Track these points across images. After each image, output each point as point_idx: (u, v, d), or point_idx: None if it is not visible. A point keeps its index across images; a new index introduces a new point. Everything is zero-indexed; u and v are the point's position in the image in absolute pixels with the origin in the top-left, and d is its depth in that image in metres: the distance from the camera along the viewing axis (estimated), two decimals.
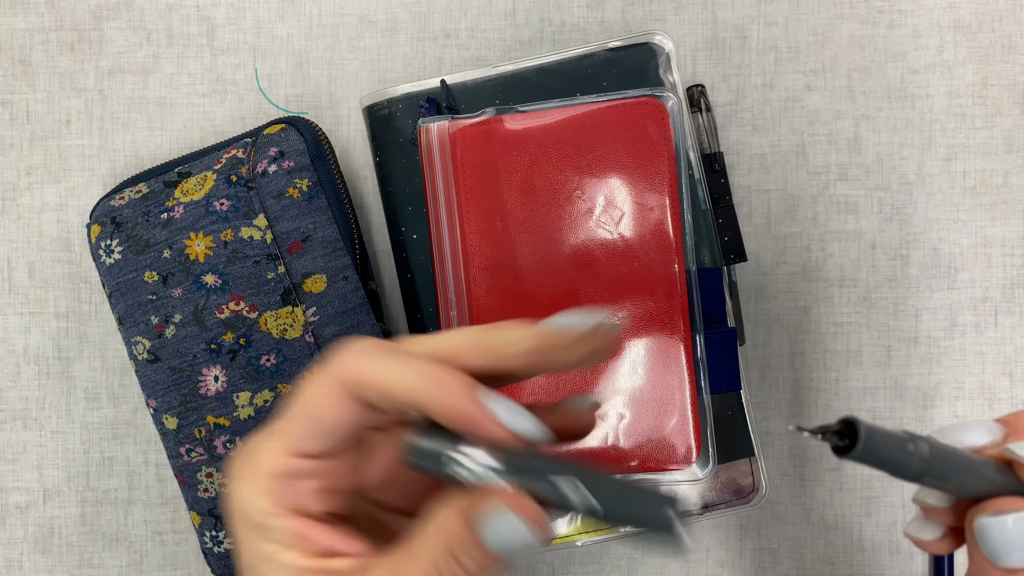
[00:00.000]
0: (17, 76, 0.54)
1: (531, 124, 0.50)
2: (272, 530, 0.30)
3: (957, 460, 0.32)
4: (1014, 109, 0.53)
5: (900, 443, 0.30)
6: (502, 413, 0.29)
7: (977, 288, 0.53)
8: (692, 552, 0.29)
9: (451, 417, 0.29)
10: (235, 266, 0.48)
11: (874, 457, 0.30)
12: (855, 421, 0.29)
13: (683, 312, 0.49)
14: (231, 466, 0.31)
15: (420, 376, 0.28)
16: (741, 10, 0.53)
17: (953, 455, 0.32)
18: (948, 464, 0.31)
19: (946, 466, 0.31)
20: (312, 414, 0.29)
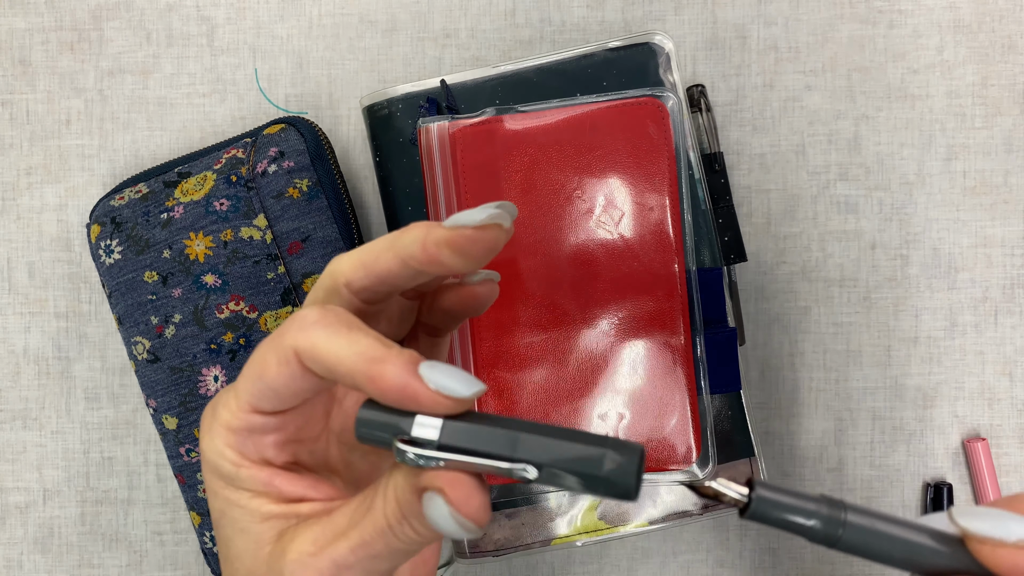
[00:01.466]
0: (17, 76, 0.54)
1: (531, 124, 0.50)
2: (240, 479, 0.31)
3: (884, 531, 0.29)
4: (1014, 109, 0.53)
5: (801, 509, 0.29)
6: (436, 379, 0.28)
7: (977, 288, 0.53)
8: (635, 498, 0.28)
9: (384, 396, 0.29)
10: (235, 266, 0.48)
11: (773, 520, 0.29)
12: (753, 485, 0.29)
13: (683, 312, 0.49)
14: (201, 424, 0.32)
15: (356, 353, 0.29)
16: (741, 10, 0.53)
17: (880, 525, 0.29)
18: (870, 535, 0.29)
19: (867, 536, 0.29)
20: (261, 376, 0.30)
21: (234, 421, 0.31)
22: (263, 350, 0.30)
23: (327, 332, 0.29)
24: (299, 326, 0.30)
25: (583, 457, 0.28)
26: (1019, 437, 0.53)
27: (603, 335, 0.49)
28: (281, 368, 0.30)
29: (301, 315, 0.30)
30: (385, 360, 0.28)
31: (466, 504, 0.28)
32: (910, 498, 0.53)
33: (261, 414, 0.31)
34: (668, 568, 0.53)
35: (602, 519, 0.50)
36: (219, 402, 0.32)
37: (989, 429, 0.53)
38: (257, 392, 0.30)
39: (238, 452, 0.31)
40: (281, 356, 0.30)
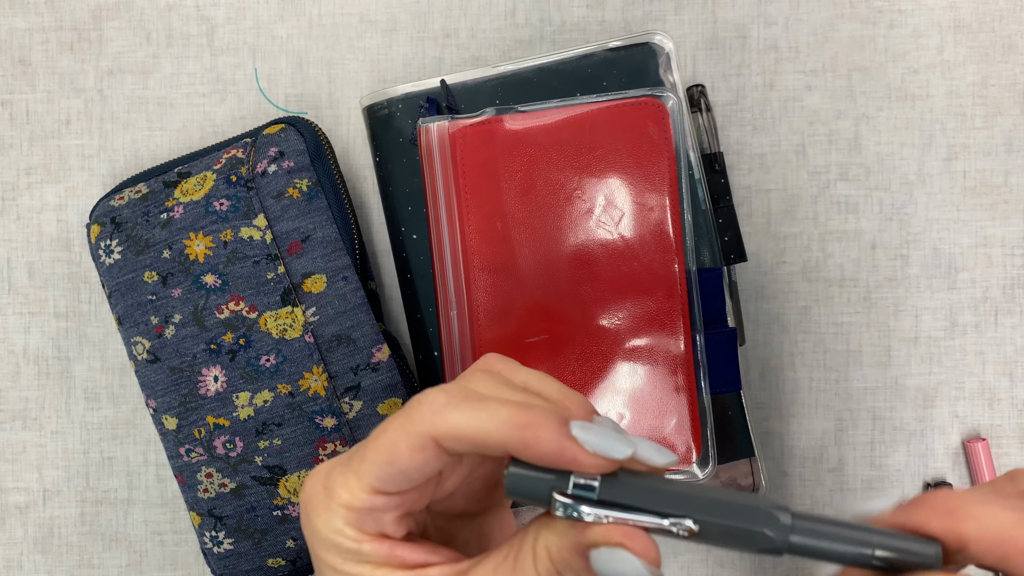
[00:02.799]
0: (17, 76, 0.54)
1: (531, 124, 0.50)
2: (362, 553, 0.32)
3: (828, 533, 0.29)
4: (1014, 109, 0.53)
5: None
6: (594, 442, 0.29)
7: (977, 288, 0.53)
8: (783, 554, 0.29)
9: (541, 460, 0.29)
10: (235, 266, 0.48)
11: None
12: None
13: (683, 312, 0.49)
14: (306, 499, 0.32)
15: (504, 423, 0.29)
16: (741, 10, 0.53)
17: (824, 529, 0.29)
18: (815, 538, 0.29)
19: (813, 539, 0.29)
20: (392, 462, 0.30)
21: (355, 502, 0.31)
22: (392, 436, 0.30)
23: (465, 412, 0.30)
24: (432, 411, 0.30)
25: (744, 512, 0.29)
26: (1019, 437, 0.53)
27: (603, 335, 0.49)
28: (414, 453, 0.30)
29: (430, 399, 0.30)
30: (536, 425, 0.29)
31: (648, 553, 0.29)
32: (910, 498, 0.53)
33: (384, 495, 0.31)
34: (668, 568, 0.53)
35: None
36: (334, 482, 0.32)
37: (989, 429, 0.53)
38: (385, 476, 0.31)
39: (358, 529, 0.31)
40: (415, 442, 0.30)
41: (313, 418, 0.48)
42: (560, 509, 0.29)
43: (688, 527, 0.29)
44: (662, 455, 0.30)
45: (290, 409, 0.48)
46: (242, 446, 0.49)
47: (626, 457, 0.29)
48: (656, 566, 0.29)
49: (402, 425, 0.30)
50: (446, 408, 0.30)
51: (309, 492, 0.32)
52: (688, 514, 0.29)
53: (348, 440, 0.49)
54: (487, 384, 0.32)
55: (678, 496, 0.29)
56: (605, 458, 0.29)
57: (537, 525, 0.31)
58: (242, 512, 0.49)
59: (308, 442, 0.48)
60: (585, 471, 0.29)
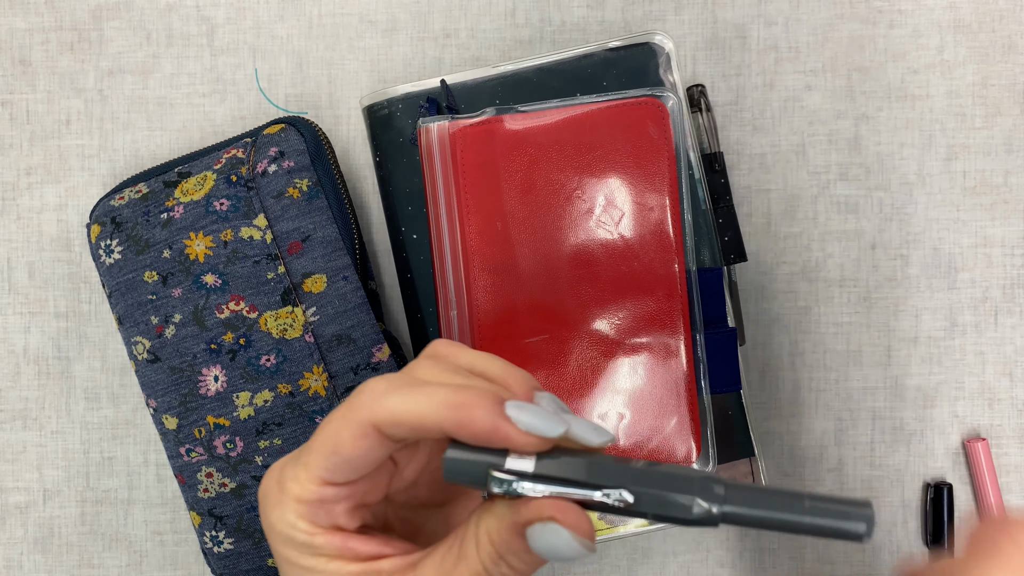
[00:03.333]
0: (17, 76, 0.54)
1: (531, 124, 0.50)
2: (315, 546, 0.32)
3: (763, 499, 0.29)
4: (1014, 109, 0.53)
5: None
6: (527, 421, 0.30)
7: (977, 288, 0.53)
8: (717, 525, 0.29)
9: (476, 439, 0.30)
10: (235, 266, 0.48)
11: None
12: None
13: (683, 312, 0.49)
14: (263, 495, 0.33)
15: (439, 405, 0.30)
16: (741, 10, 0.53)
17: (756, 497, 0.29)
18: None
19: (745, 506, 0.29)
20: (336, 451, 0.31)
21: (305, 494, 0.31)
22: (335, 426, 0.31)
23: (403, 396, 0.30)
24: (371, 398, 0.30)
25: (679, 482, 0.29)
26: (1019, 437, 0.53)
27: (603, 335, 0.49)
28: (358, 442, 0.31)
29: (369, 387, 0.31)
30: (470, 405, 0.29)
31: (580, 525, 0.29)
32: (910, 498, 0.53)
33: (333, 486, 0.32)
34: (668, 568, 0.53)
35: (602, 519, 0.50)
36: (285, 476, 0.32)
37: (989, 429, 0.53)
38: (331, 466, 0.31)
39: (310, 522, 0.32)
40: (357, 430, 0.30)
41: (313, 418, 0.48)
42: (496, 485, 0.30)
43: (623, 498, 0.29)
44: (597, 434, 0.31)
45: (290, 409, 0.48)
46: (242, 446, 0.49)
47: (559, 435, 0.30)
48: (589, 539, 0.29)
49: (343, 415, 0.31)
50: (384, 394, 0.30)
51: (264, 488, 0.33)
52: (623, 485, 0.29)
53: None
54: (430, 370, 0.32)
55: (613, 469, 0.30)
56: (538, 436, 0.29)
57: (478, 512, 0.31)
58: (242, 512, 0.49)
59: None
60: (519, 449, 0.30)
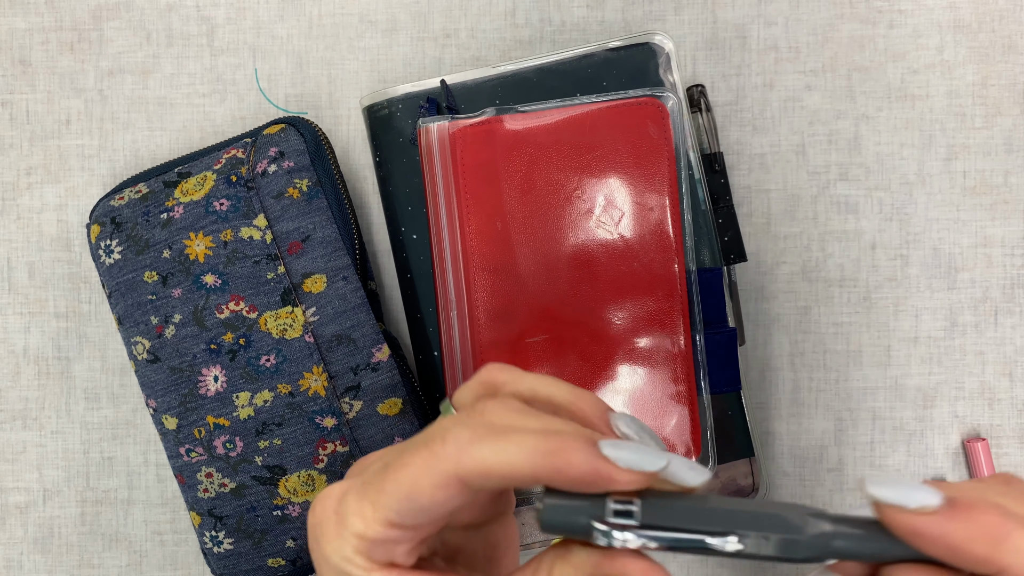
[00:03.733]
0: (17, 76, 0.54)
1: (531, 124, 0.50)
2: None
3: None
4: (1014, 109, 0.53)
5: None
6: (627, 458, 0.28)
7: (977, 288, 0.53)
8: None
9: (575, 484, 0.28)
10: (235, 266, 0.48)
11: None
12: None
13: (683, 312, 0.49)
14: (318, 523, 0.31)
15: (532, 453, 0.28)
16: (741, 10, 0.53)
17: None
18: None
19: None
20: (413, 498, 0.29)
21: (369, 532, 0.30)
22: (414, 473, 0.29)
23: (490, 446, 0.28)
24: (457, 448, 0.29)
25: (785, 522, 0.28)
26: (1019, 437, 0.53)
27: (603, 335, 0.49)
28: (437, 492, 0.29)
29: (454, 436, 0.29)
30: (565, 450, 0.28)
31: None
32: None
33: (399, 528, 0.30)
34: (668, 568, 0.53)
35: None
36: (348, 509, 0.31)
37: (989, 429, 0.53)
38: (404, 511, 0.29)
39: (367, 558, 0.31)
40: (439, 480, 0.29)
41: (313, 418, 0.48)
42: (602, 537, 0.28)
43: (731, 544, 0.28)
44: (695, 473, 0.29)
45: (290, 409, 0.48)
46: (242, 446, 0.49)
47: (661, 468, 0.28)
48: None
49: (426, 462, 0.29)
50: (471, 444, 0.28)
51: (320, 516, 0.31)
52: (731, 530, 0.28)
53: (348, 440, 0.49)
54: (503, 412, 0.30)
55: (719, 512, 0.28)
56: (640, 473, 0.28)
57: (552, 556, 0.30)
58: (242, 512, 0.49)
59: (308, 442, 0.49)
60: (622, 487, 0.28)
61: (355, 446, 0.49)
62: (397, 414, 0.49)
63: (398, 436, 0.49)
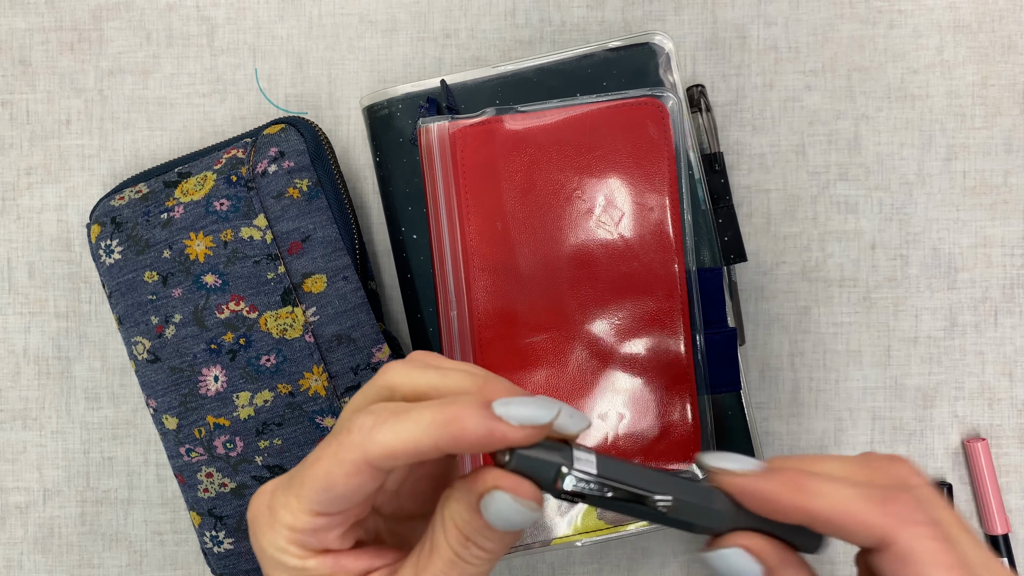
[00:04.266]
0: (17, 76, 0.54)
1: (531, 124, 0.50)
2: (307, 570, 0.32)
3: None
4: (1014, 109, 0.53)
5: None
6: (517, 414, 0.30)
7: (977, 288, 0.53)
8: None
9: (472, 447, 0.30)
10: (235, 266, 0.48)
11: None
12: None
13: (683, 312, 0.49)
14: (253, 517, 0.33)
15: (428, 426, 0.30)
16: (741, 10, 0.53)
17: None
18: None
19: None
20: (328, 488, 0.31)
21: (297, 523, 0.32)
22: (326, 465, 0.31)
23: (391, 428, 0.30)
24: (361, 436, 0.30)
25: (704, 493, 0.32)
26: (1019, 437, 0.53)
27: (603, 335, 0.49)
28: (350, 479, 0.31)
29: (358, 424, 0.31)
30: (459, 418, 0.30)
31: (520, 488, 0.30)
32: None
33: (325, 516, 0.32)
34: (668, 568, 0.53)
35: (602, 519, 0.50)
36: (276, 502, 0.32)
37: (989, 429, 0.53)
38: (324, 500, 0.31)
39: (301, 547, 0.32)
40: (349, 468, 0.30)
41: (313, 418, 0.48)
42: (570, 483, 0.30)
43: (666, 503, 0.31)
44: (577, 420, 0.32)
45: (290, 409, 0.48)
46: (242, 446, 0.49)
47: (551, 419, 0.30)
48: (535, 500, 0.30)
49: (334, 453, 0.31)
50: (373, 430, 0.30)
51: (254, 511, 0.33)
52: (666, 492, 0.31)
53: None
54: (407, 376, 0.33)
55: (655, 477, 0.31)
56: (533, 426, 0.30)
57: (442, 500, 0.32)
58: (242, 512, 0.49)
59: (308, 442, 0.49)
60: (515, 444, 0.30)
61: None
62: None
63: None
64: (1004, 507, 0.53)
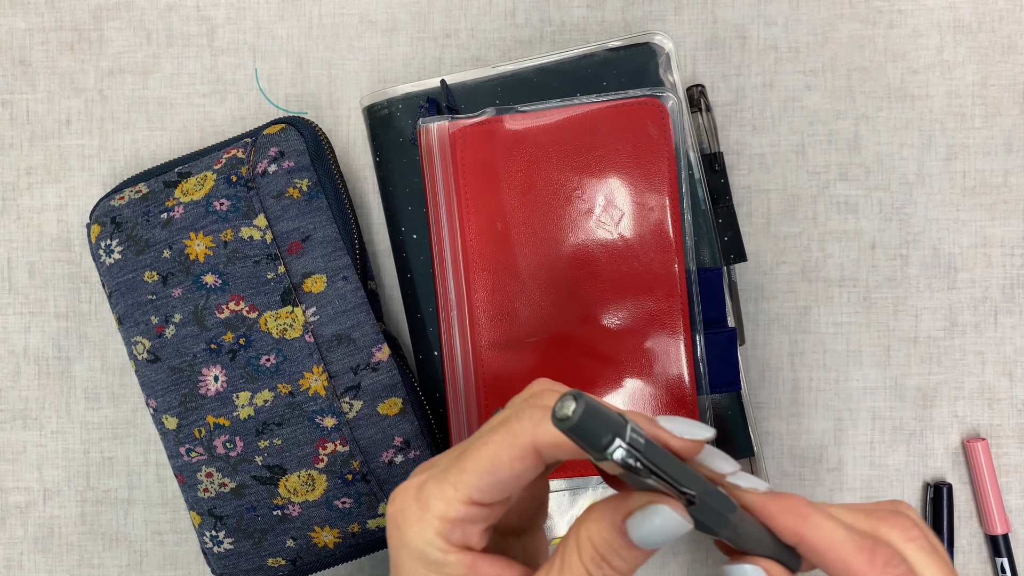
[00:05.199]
0: (17, 76, 0.54)
1: (531, 124, 0.50)
2: (447, 564, 0.33)
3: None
4: (1014, 109, 0.53)
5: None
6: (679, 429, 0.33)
7: (977, 288, 0.53)
8: None
9: None
10: (235, 266, 0.48)
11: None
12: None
13: (683, 312, 0.49)
14: (398, 511, 0.34)
15: None
16: (741, 10, 0.53)
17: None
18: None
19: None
20: (494, 471, 0.32)
21: (451, 512, 0.33)
22: (495, 447, 0.32)
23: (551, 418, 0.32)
24: (532, 423, 0.32)
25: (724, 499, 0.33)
26: (1019, 437, 0.53)
27: (603, 335, 0.49)
28: (516, 463, 0.32)
29: (528, 415, 0.32)
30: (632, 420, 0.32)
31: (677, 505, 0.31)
32: (910, 498, 0.53)
33: (480, 506, 0.33)
34: (668, 568, 0.53)
35: None
36: (429, 493, 0.33)
37: (989, 429, 0.53)
38: (485, 486, 0.32)
39: (446, 540, 0.33)
40: (517, 452, 0.32)
41: (313, 418, 0.48)
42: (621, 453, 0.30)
43: (691, 497, 0.31)
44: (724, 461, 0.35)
45: (290, 409, 0.48)
46: (242, 446, 0.49)
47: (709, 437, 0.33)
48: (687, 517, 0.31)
49: (504, 438, 0.32)
50: (543, 420, 0.32)
51: (400, 505, 0.34)
52: (696, 489, 0.31)
53: (348, 439, 0.49)
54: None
55: (691, 475, 0.32)
56: (692, 440, 0.33)
57: (577, 523, 0.33)
58: (242, 512, 0.49)
59: (308, 442, 0.49)
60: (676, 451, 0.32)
61: (355, 446, 0.49)
62: (397, 414, 0.49)
63: (398, 436, 0.49)
64: (1004, 507, 0.53)
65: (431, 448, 0.50)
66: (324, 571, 0.53)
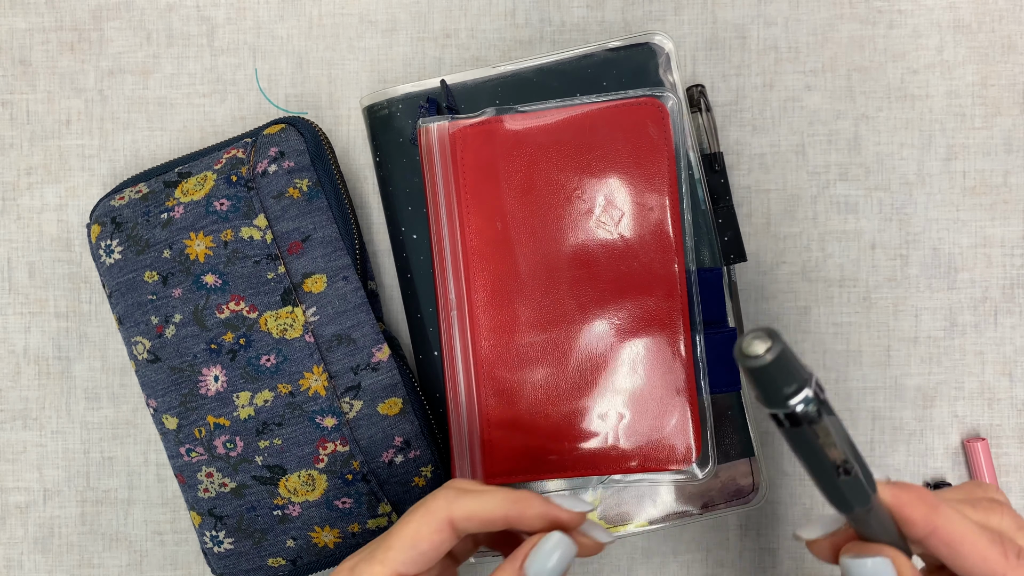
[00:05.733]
0: (17, 76, 0.54)
1: (531, 124, 0.50)
2: None
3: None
4: (1014, 109, 0.53)
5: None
6: (568, 504, 0.38)
7: (977, 288, 0.53)
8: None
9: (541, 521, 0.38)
10: (235, 266, 0.48)
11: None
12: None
13: (683, 312, 0.49)
14: None
15: (503, 502, 0.37)
16: (741, 10, 0.53)
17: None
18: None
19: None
20: (416, 545, 0.37)
21: None
22: (415, 524, 0.37)
23: (473, 498, 0.38)
24: (446, 501, 0.37)
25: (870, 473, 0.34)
26: (1019, 437, 0.53)
27: (603, 335, 0.49)
28: (434, 535, 0.37)
29: (442, 494, 0.38)
30: (526, 499, 0.38)
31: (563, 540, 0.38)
32: None
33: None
34: (668, 568, 0.53)
35: (602, 519, 0.50)
36: (360, 572, 0.37)
37: (989, 429, 0.53)
38: (408, 559, 0.37)
39: None
40: (436, 526, 0.37)
41: (313, 418, 0.48)
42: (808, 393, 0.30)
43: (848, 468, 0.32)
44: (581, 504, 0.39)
45: (290, 409, 0.48)
46: (242, 446, 0.49)
47: (592, 509, 0.39)
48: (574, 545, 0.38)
49: (423, 516, 0.37)
50: (458, 498, 0.37)
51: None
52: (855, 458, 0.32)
53: (348, 439, 0.49)
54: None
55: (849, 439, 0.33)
56: (578, 513, 0.38)
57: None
58: (242, 512, 0.49)
59: (308, 442, 0.49)
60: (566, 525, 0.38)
61: (355, 446, 0.49)
62: (397, 414, 0.49)
63: (398, 436, 0.49)
64: None
65: (431, 448, 0.50)
66: (324, 571, 0.53)
